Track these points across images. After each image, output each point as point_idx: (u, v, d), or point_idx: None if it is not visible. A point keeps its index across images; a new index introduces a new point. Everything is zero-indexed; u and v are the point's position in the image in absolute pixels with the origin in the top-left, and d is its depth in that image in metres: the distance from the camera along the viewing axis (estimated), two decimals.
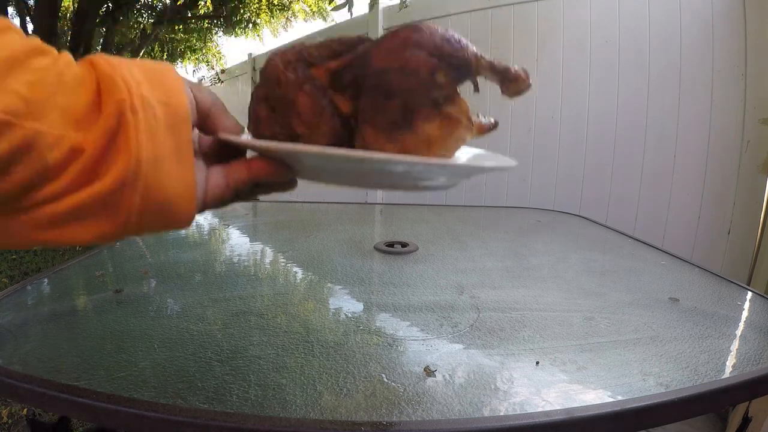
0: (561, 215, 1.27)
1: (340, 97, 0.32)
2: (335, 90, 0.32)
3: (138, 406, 0.33)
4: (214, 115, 0.29)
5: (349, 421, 0.33)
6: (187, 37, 5.04)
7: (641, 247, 0.88)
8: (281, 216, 1.17)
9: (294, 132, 0.32)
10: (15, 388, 0.36)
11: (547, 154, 1.98)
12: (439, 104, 0.31)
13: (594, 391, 0.37)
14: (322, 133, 0.32)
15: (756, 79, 1.46)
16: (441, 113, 0.31)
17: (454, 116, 0.32)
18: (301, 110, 0.31)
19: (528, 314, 0.52)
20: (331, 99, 0.32)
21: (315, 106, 0.31)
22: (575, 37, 1.87)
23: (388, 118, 0.30)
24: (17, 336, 0.46)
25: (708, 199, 1.58)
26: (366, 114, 0.31)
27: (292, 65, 0.32)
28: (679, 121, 1.63)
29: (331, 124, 0.32)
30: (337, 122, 0.32)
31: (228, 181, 0.28)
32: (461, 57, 0.31)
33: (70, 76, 0.22)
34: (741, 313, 0.56)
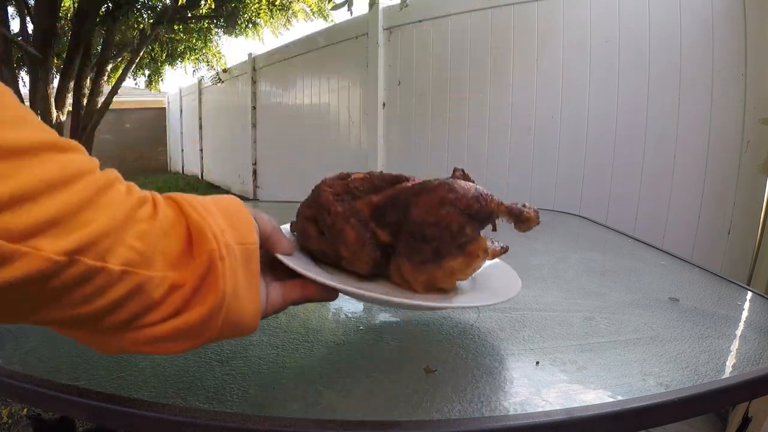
0: (561, 215, 1.27)
1: (380, 231, 0.39)
2: (376, 223, 0.39)
3: (138, 406, 0.33)
4: (273, 239, 0.35)
5: (349, 420, 0.33)
6: (187, 37, 5.04)
7: (641, 247, 0.88)
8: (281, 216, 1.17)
9: (340, 254, 0.39)
10: (15, 388, 0.36)
11: (547, 154, 1.98)
12: (463, 247, 0.38)
13: (594, 391, 0.37)
14: (364, 260, 0.38)
15: (756, 79, 1.46)
16: (464, 252, 0.38)
17: (474, 253, 0.39)
18: (347, 240, 0.38)
19: (528, 314, 0.52)
20: (373, 231, 0.39)
21: (359, 238, 0.38)
22: (575, 37, 1.87)
23: (422, 257, 0.37)
24: (17, 336, 0.46)
25: (708, 199, 1.58)
26: (403, 250, 0.38)
27: (341, 197, 0.39)
28: (679, 121, 1.63)
29: (372, 253, 0.38)
30: (377, 252, 0.38)
31: (284, 300, 0.34)
32: (486, 212, 0.37)
33: (166, 222, 0.27)
34: (741, 313, 0.56)
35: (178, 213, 0.28)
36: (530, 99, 2.02)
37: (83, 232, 0.22)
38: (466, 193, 0.37)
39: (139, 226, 0.25)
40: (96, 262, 0.22)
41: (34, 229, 0.20)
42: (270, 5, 4.40)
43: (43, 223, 0.21)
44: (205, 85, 6.26)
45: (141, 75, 5.72)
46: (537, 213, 0.40)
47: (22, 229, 0.20)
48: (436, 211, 0.36)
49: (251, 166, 4.87)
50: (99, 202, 0.23)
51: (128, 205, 0.25)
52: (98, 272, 0.23)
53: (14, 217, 0.20)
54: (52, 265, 0.21)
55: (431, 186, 0.37)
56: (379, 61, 2.66)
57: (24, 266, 0.20)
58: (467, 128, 2.26)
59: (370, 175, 0.40)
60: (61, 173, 0.22)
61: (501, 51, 2.10)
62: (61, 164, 0.22)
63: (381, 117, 2.71)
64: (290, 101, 4.06)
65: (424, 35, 2.43)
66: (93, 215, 0.23)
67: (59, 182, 0.21)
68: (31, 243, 0.20)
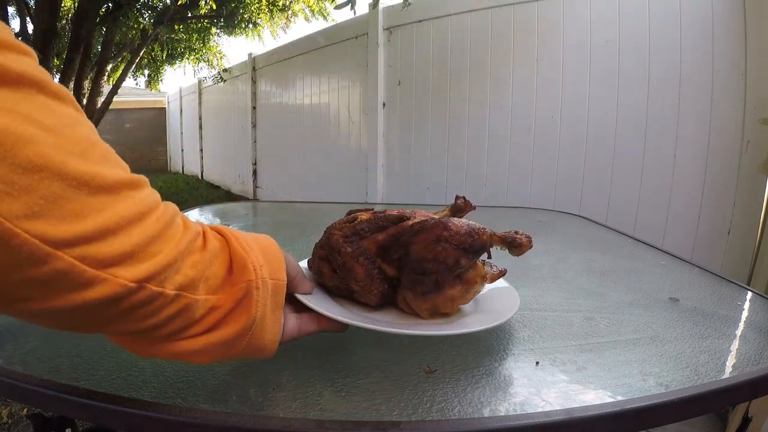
0: (561, 215, 1.27)
1: (387, 266, 0.44)
2: (383, 260, 0.44)
3: (138, 406, 0.33)
4: (297, 281, 0.40)
5: (350, 421, 0.33)
6: (187, 37, 5.03)
7: (641, 247, 0.88)
8: (281, 216, 1.17)
9: (351, 288, 0.44)
10: (15, 388, 0.36)
11: (547, 154, 1.98)
12: (461, 276, 0.43)
13: (594, 391, 0.37)
14: (373, 293, 0.43)
15: (756, 79, 1.46)
16: (462, 280, 0.43)
17: (471, 280, 0.43)
18: (357, 276, 0.43)
19: (528, 314, 0.52)
20: (380, 266, 0.44)
21: (368, 273, 0.43)
22: (575, 37, 1.87)
23: (424, 289, 0.42)
24: (17, 336, 0.46)
25: (708, 199, 1.58)
26: (407, 283, 0.43)
27: (349, 239, 0.44)
28: (679, 121, 1.63)
29: (380, 286, 0.43)
30: (384, 285, 0.44)
31: (299, 331, 0.38)
32: (479, 245, 0.41)
33: (212, 251, 0.31)
34: (741, 313, 0.56)
35: (224, 244, 0.33)
36: (530, 99, 2.02)
37: (152, 262, 0.26)
38: (459, 230, 0.41)
39: (193, 257, 0.29)
40: (157, 288, 0.26)
41: (115, 259, 0.24)
42: (270, 5, 4.39)
43: (122, 255, 0.24)
44: (205, 85, 6.26)
45: (141, 75, 5.72)
46: (529, 238, 0.44)
47: (105, 259, 0.23)
48: (433, 247, 0.41)
49: (251, 166, 4.87)
50: (165, 235, 0.27)
51: (187, 239, 0.29)
52: (158, 296, 0.26)
53: (99, 247, 0.23)
54: (124, 291, 0.24)
55: (428, 226, 0.42)
56: (379, 61, 2.66)
57: (104, 290, 0.23)
58: (467, 128, 2.26)
59: (374, 216, 0.45)
60: (137, 210, 0.25)
61: (501, 51, 2.10)
62: (136, 201, 0.25)
63: (381, 117, 2.71)
64: (290, 101, 4.06)
65: (424, 35, 2.43)
66: (160, 248, 0.26)
67: (135, 218, 0.25)
68: (111, 271, 0.23)
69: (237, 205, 1.41)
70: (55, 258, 0.21)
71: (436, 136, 2.40)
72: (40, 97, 0.22)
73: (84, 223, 0.22)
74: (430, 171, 2.46)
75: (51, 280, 0.21)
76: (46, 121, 0.21)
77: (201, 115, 6.60)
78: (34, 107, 0.21)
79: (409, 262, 0.42)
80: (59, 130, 0.22)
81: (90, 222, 0.22)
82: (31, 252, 0.20)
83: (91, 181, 0.22)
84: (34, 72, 0.22)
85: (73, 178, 0.21)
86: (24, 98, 0.21)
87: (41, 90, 0.22)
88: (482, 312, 0.46)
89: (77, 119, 0.23)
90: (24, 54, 0.22)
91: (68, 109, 0.23)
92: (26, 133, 0.20)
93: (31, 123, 0.20)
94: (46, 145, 0.21)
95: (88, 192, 0.22)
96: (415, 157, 2.53)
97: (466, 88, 2.24)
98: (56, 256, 0.21)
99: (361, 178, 2.92)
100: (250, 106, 4.80)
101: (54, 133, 0.21)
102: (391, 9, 2.60)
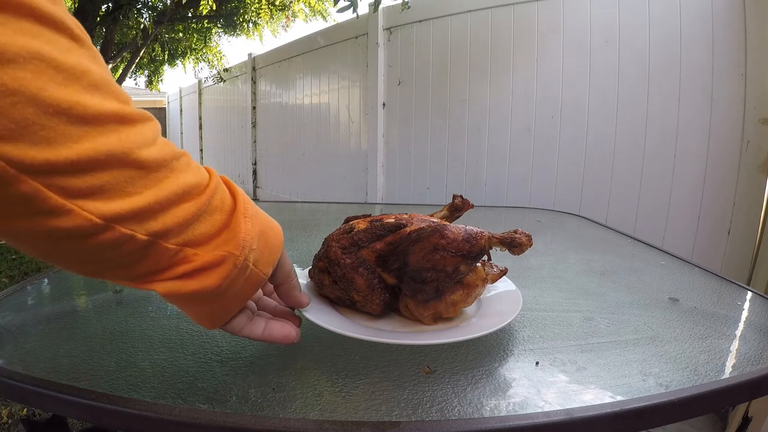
0: (561, 215, 1.27)
1: (386, 275, 0.43)
2: (383, 269, 0.43)
3: (138, 406, 0.33)
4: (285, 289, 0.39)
5: (349, 421, 0.33)
6: (187, 36, 5.03)
7: (641, 247, 0.88)
8: (281, 216, 1.17)
9: (353, 299, 0.44)
10: (15, 388, 0.36)
11: (547, 154, 1.98)
12: (461, 280, 0.42)
13: (594, 392, 0.37)
14: (375, 302, 0.43)
15: (756, 79, 1.46)
16: (462, 284, 0.43)
17: (472, 284, 0.43)
18: (358, 287, 0.43)
19: (528, 314, 0.52)
20: (380, 275, 0.43)
21: (368, 284, 0.43)
22: (575, 37, 1.87)
23: (425, 296, 0.42)
24: (17, 336, 0.46)
25: (708, 199, 1.58)
26: (408, 292, 0.43)
27: (347, 250, 0.43)
28: (679, 121, 1.63)
29: (381, 296, 0.43)
30: (386, 294, 0.43)
31: (241, 330, 0.37)
32: (478, 249, 0.41)
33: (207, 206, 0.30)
34: (741, 313, 0.56)
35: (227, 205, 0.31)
36: (530, 99, 2.02)
37: (125, 202, 0.25)
38: (456, 237, 0.41)
39: (180, 206, 0.28)
40: (127, 230, 0.25)
41: (83, 191, 0.23)
42: (270, 5, 4.39)
43: (91, 188, 0.23)
44: (205, 85, 6.25)
45: (141, 75, 5.71)
46: (529, 237, 0.43)
47: (72, 189, 0.22)
48: (431, 256, 0.40)
49: (251, 166, 4.86)
50: (149, 177, 0.26)
51: (177, 185, 0.27)
52: (127, 239, 0.25)
53: (69, 178, 0.22)
54: (89, 225, 0.23)
55: (425, 234, 0.41)
56: (379, 61, 2.66)
57: (68, 221, 0.23)
58: (467, 128, 2.26)
59: (372, 224, 0.44)
60: (120, 146, 0.24)
61: (501, 51, 2.10)
62: (122, 136, 0.24)
63: (381, 117, 2.70)
64: (290, 101, 4.06)
65: (424, 35, 2.43)
66: (138, 189, 0.25)
67: (114, 154, 0.24)
68: (78, 203, 0.23)
69: None
70: (19, 181, 0.21)
71: (436, 136, 2.40)
72: (28, 21, 0.21)
73: (56, 151, 0.21)
74: (430, 171, 2.46)
75: (14, 202, 0.21)
76: (31, 45, 0.21)
77: (201, 115, 6.60)
78: (19, 30, 0.20)
79: (409, 272, 0.42)
80: (44, 54, 0.21)
81: (63, 151, 0.22)
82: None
83: (69, 109, 0.22)
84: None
85: (49, 105, 0.21)
86: (9, 19, 0.20)
87: (31, 14, 0.21)
88: (484, 316, 0.46)
89: (69, 47, 0.23)
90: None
91: (58, 35, 0.22)
92: (5, 54, 0.20)
93: (14, 44, 0.20)
94: (25, 69, 0.20)
95: (66, 121, 0.22)
96: (415, 157, 2.53)
97: (466, 88, 2.24)
98: (21, 179, 0.21)
99: (361, 178, 2.92)
100: (250, 106, 4.79)
101: (36, 59, 0.21)
102: (391, 9, 2.60)
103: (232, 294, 0.32)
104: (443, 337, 0.41)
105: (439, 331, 0.43)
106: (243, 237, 0.31)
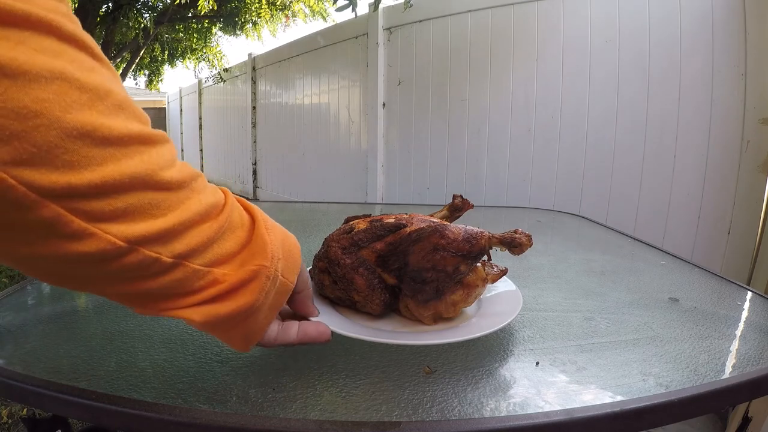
0: (561, 215, 1.27)
1: (387, 275, 0.43)
2: (383, 269, 0.43)
3: (138, 406, 0.33)
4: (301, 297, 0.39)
5: (350, 421, 0.33)
6: (187, 36, 5.03)
7: (641, 247, 0.88)
8: (281, 216, 1.17)
9: (352, 299, 0.44)
10: (15, 388, 0.36)
11: (547, 154, 1.98)
12: (461, 281, 0.42)
13: (594, 392, 0.37)
14: (375, 302, 0.43)
15: (756, 79, 1.46)
16: (463, 284, 0.43)
17: (472, 284, 0.43)
18: (358, 287, 0.42)
19: (528, 314, 0.52)
20: (380, 275, 0.43)
21: (369, 284, 0.42)
22: (575, 37, 1.87)
23: (425, 297, 0.42)
24: (17, 336, 0.46)
25: (708, 199, 1.58)
26: (408, 292, 0.42)
27: (347, 250, 0.43)
28: (679, 121, 1.63)
29: (382, 296, 0.43)
30: (386, 294, 0.43)
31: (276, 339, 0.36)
32: (478, 249, 0.41)
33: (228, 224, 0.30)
34: (741, 313, 0.56)
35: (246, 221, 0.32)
36: (530, 99, 2.02)
37: (149, 224, 0.24)
38: (456, 237, 0.40)
39: (202, 225, 0.28)
40: (151, 253, 0.25)
41: (106, 214, 0.22)
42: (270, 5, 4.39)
43: (115, 211, 0.23)
44: (205, 85, 6.25)
45: (141, 75, 5.71)
46: (529, 237, 0.43)
47: (95, 213, 0.22)
48: (431, 256, 0.40)
49: (251, 166, 4.86)
50: (172, 198, 0.25)
51: (199, 206, 0.27)
52: (153, 262, 0.25)
53: (92, 201, 0.22)
54: (113, 249, 0.23)
55: (425, 235, 0.41)
56: (379, 61, 2.66)
57: (91, 244, 0.22)
58: (467, 128, 2.25)
59: (372, 225, 0.44)
60: (144, 167, 0.24)
61: (501, 51, 2.10)
62: (144, 158, 0.24)
63: (381, 117, 2.70)
64: (290, 101, 4.06)
65: (424, 35, 2.43)
66: (162, 211, 0.25)
67: (139, 176, 0.23)
68: (101, 226, 0.22)
69: None
70: (41, 206, 0.20)
71: (436, 136, 2.40)
72: (50, 39, 0.20)
73: (79, 174, 0.21)
74: (430, 171, 2.46)
75: (34, 227, 0.21)
76: (53, 64, 0.20)
77: (201, 115, 6.60)
78: (41, 48, 0.20)
79: (409, 272, 0.42)
80: (68, 74, 0.20)
81: (87, 174, 0.21)
82: (17, 198, 0.20)
83: (93, 132, 0.21)
84: (46, 14, 0.20)
85: (73, 128, 0.20)
86: (30, 36, 0.19)
87: (52, 31, 0.20)
88: (485, 316, 0.46)
89: (92, 66, 0.22)
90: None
91: (81, 54, 0.22)
92: (27, 75, 0.19)
93: (35, 63, 0.19)
94: (47, 90, 0.20)
95: (90, 143, 0.21)
96: (415, 157, 2.53)
97: (466, 88, 2.24)
98: (42, 204, 0.20)
99: (361, 178, 2.92)
100: (250, 106, 4.79)
101: (60, 79, 0.20)
102: (391, 9, 2.60)
103: (266, 308, 0.32)
104: (443, 338, 0.41)
105: (439, 331, 0.43)
106: (270, 248, 0.31)
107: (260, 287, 0.30)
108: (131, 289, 0.26)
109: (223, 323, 0.30)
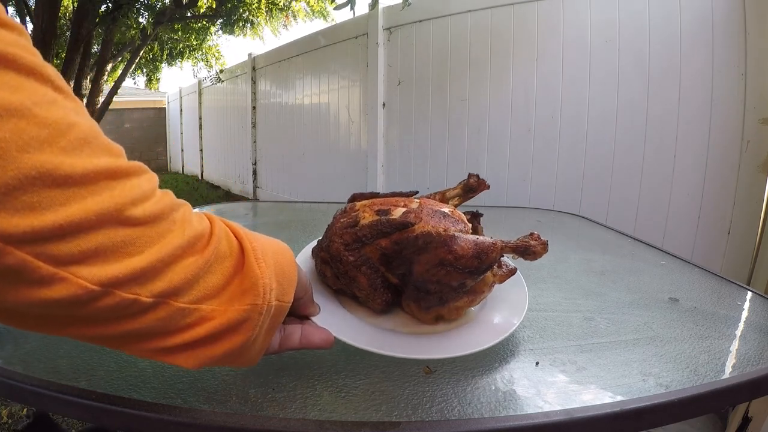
0: (561, 215, 1.27)
1: (390, 274, 0.42)
2: (386, 268, 0.42)
3: (138, 406, 0.33)
4: (303, 302, 0.38)
5: (349, 421, 0.33)
6: (186, 36, 5.03)
7: (641, 247, 0.88)
8: (281, 216, 1.17)
9: (355, 294, 0.43)
10: (15, 388, 0.36)
11: (547, 154, 1.98)
12: (466, 290, 0.40)
13: (594, 392, 0.37)
14: (377, 301, 0.42)
15: (756, 79, 1.46)
16: (468, 292, 0.41)
17: (478, 290, 0.41)
18: (361, 285, 0.41)
19: (528, 314, 0.52)
20: (383, 274, 0.42)
21: (371, 283, 0.41)
22: (575, 38, 1.87)
23: (428, 303, 0.41)
24: (17, 336, 0.46)
25: (708, 199, 1.58)
26: (411, 297, 0.41)
27: (350, 247, 0.41)
28: (679, 121, 1.63)
29: (384, 296, 0.42)
30: (388, 294, 0.42)
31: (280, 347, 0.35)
32: (487, 265, 0.38)
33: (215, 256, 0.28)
34: (741, 313, 0.56)
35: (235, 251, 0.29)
36: (530, 99, 2.02)
37: (123, 264, 0.22)
38: (465, 252, 0.37)
39: (186, 260, 0.26)
40: (128, 294, 0.23)
41: (75, 257, 0.21)
42: (270, 4, 4.39)
43: (84, 253, 0.21)
44: (205, 85, 6.25)
45: (140, 75, 5.72)
46: (544, 244, 0.40)
47: (63, 256, 0.21)
48: (436, 270, 0.38)
49: (251, 166, 4.86)
50: (149, 234, 0.24)
51: (181, 239, 0.25)
52: (130, 303, 0.23)
53: (58, 244, 0.20)
54: (85, 293, 0.22)
55: (432, 245, 0.38)
56: (379, 61, 2.66)
57: (62, 290, 0.21)
58: (467, 128, 2.25)
59: (377, 220, 0.42)
60: (113, 203, 0.22)
61: (501, 51, 2.10)
62: (115, 194, 0.22)
63: (381, 117, 2.70)
64: (290, 101, 4.06)
65: (424, 35, 2.43)
66: (138, 248, 0.23)
67: (108, 213, 0.22)
68: (71, 270, 0.21)
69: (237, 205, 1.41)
70: (4, 253, 0.19)
71: (436, 136, 2.40)
72: (8, 74, 0.19)
73: (42, 217, 0.20)
74: (430, 171, 2.46)
75: (1, 275, 0.20)
76: (10, 99, 0.19)
77: (201, 114, 6.60)
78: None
79: (413, 281, 0.40)
80: (25, 110, 0.19)
81: (49, 216, 0.20)
82: None
83: (54, 171, 0.20)
84: (4, 48, 0.19)
85: (32, 168, 0.19)
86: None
87: (9, 65, 0.19)
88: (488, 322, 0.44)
89: (53, 99, 0.21)
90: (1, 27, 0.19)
91: (42, 87, 0.20)
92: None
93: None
94: (3, 129, 0.18)
95: (51, 183, 0.20)
96: (415, 157, 2.53)
97: (466, 88, 2.24)
98: (6, 251, 0.19)
99: (361, 178, 2.92)
100: (250, 105, 4.79)
101: (16, 116, 0.19)
102: (391, 9, 2.60)
103: (261, 336, 0.31)
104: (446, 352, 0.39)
105: (441, 340, 0.41)
106: (262, 282, 0.29)
107: (252, 326, 0.29)
108: (112, 331, 0.25)
109: (218, 362, 0.30)
